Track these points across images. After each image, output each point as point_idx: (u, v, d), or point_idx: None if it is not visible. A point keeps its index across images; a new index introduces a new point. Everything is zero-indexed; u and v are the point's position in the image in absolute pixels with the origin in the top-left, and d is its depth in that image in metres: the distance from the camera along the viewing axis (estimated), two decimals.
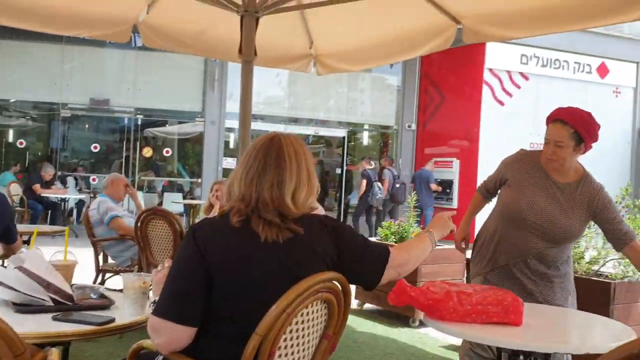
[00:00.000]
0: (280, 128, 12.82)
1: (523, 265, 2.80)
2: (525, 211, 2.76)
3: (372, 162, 12.18)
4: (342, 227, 1.76)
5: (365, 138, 14.90)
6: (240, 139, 3.06)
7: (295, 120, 13.27)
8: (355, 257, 1.73)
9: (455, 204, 12.49)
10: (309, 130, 13.25)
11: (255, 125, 12.87)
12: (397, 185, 11.70)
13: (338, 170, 14.05)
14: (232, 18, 3.56)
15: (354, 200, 13.71)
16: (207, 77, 11.97)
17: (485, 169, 12.14)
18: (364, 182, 11.43)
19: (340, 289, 1.69)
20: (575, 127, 2.61)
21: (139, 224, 4.31)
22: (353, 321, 5.07)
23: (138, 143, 12.49)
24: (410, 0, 3.79)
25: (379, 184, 11.49)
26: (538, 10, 3.37)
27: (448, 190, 12.79)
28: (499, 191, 3.01)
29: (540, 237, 2.75)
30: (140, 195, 8.45)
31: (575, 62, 13.03)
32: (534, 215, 2.74)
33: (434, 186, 12.01)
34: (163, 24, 4.41)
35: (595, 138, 2.68)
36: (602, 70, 13.36)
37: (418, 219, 6.13)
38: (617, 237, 2.72)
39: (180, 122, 13.07)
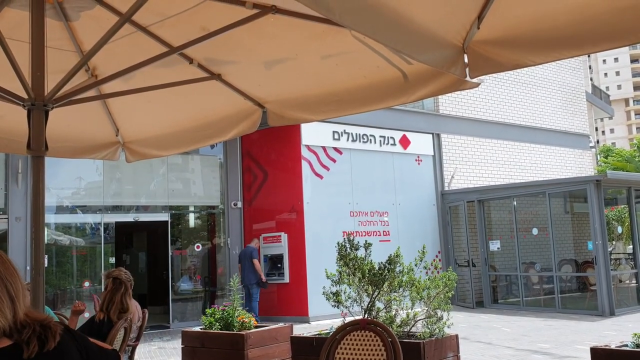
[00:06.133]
0: (98, 218, 12.06)
1: None
2: None
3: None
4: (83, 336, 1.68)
5: (191, 220, 14.61)
6: (33, 239, 2.79)
7: (116, 208, 12.60)
8: None
9: (287, 278, 12.60)
10: (129, 217, 12.64)
11: (75, 218, 11.96)
12: None
13: (164, 256, 13.49)
14: (21, 110, 3.31)
15: (184, 286, 13.17)
16: (9, 171, 10.95)
17: (313, 240, 12.63)
18: None
19: None
20: None
21: None
22: None
23: None
24: (214, 88, 3.88)
25: None
26: (331, 95, 3.66)
27: (279, 265, 12.87)
28: None
29: None
30: None
31: (381, 136, 14.34)
32: None
33: (255, 262, 12.03)
34: None
35: None
36: (404, 142, 14.86)
37: (242, 301, 6.05)
38: None
39: None
